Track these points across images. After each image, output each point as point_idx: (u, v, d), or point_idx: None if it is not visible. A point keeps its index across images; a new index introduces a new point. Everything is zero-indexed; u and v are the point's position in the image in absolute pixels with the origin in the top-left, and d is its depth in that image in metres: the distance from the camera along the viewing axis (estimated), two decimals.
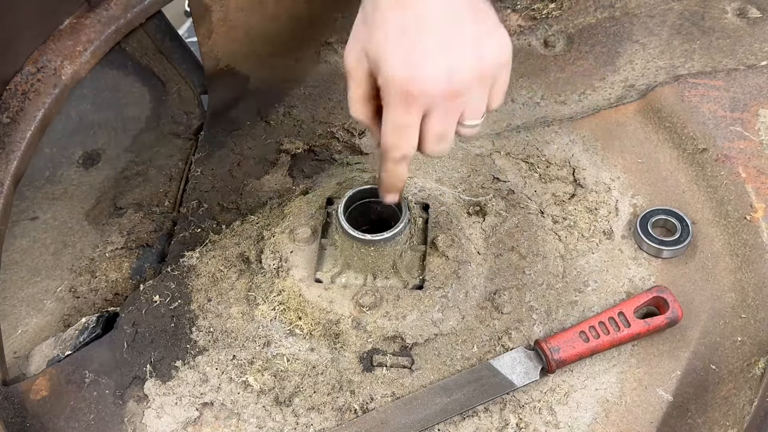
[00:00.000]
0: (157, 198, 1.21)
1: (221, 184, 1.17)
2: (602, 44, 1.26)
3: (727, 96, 1.08)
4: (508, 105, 1.23)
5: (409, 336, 0.92)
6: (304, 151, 1.20)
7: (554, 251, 1.02)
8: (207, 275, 1.00)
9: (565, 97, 1.23)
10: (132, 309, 0.98)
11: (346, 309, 0.93)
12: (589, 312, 0.97)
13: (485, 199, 1.06)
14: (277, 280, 0.97)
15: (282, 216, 1.03)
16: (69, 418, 0.90)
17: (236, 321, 0.96)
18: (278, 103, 1.26)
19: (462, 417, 0.89)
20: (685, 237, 0.99)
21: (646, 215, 1.02)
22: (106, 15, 1.04)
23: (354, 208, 0.97)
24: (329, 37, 1.27)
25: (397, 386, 0.91)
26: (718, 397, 0.89)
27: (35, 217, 1.18)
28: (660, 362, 0.93)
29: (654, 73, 1.21)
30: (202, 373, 0.92)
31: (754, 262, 0.96)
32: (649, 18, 1.26)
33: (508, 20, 1.28)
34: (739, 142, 1.04)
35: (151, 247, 1.15)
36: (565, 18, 1.28)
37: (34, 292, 1.10)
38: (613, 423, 0.89)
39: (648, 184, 1.08)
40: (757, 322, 0.92)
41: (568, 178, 1.09)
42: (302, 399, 0.90)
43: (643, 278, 1.00)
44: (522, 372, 0.90)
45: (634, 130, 1.12)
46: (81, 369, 0.93)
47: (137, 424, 0.89)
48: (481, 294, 0.97)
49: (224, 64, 1.26)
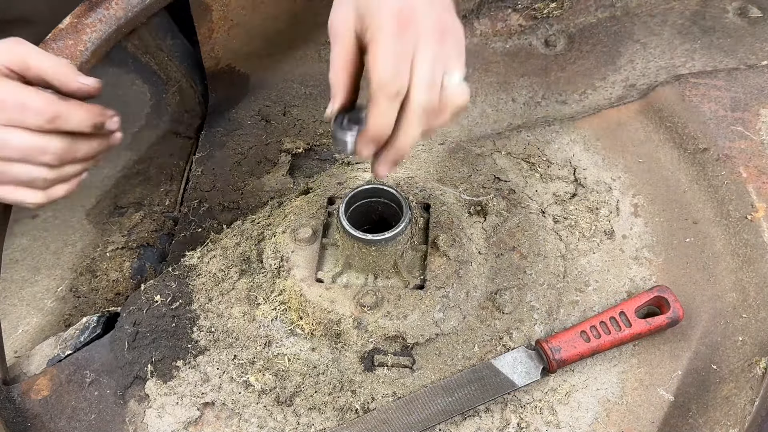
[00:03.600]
0: (157, 197, 1.21)
1: (222, 184, 1.17)
2: (603, 44, 1.26)
3: (728, 95, 1.08)
4: (509, 104, 1.24)
5: (410, 336, 0.92)
6: (304, 150, 1.20)
7: (555, 251, 1.02)
8: (208, 275, 1.00)
9: (566, 97, 1.23)
10: (133, 309, 0.98)
11: (347, 309, 0.93)
12: (590, 312, 0.97)
13: (486, 198, 1.06)
14: (278, 279, 0.97)
15: (283, 216, 1.03)
16: (70, 418, 0.90)
17: (237, 321, 0.96)
18: (279, 103, 1.26)
19: (463, 417, 0.89)
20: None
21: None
22: (107, 14, 1.04)
23: (355, 208, 0.97)
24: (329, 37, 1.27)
25: (398, 386, 0.91)
26: (719, 397, 0.89)
27: (36, 215, 1.18)
28: (661, 362, 0.93)
29: (655, 73, 1.21)
30: (203, 373, 0.92)
31: (755, 262, 0.96)
32: (650, 17, 1.27)
33: (509, 20, 1.28)
34: (740, 142, 1.04)
35: (152, 247, 1.15)
36: (565, 17, 1.28)
37: (35, 292, 1.10)
38: (614, 423, 0.89)
39: (649, 183, 1.08)
40: (758, 322, 0.93)
41: (569, 177, 1.09)
42: (303, 399, 0.90)
43: (644, 278, 1.00)
44: (523, 372, 0.90)
45: (635, 130, 1.12)
46: (82, 369, 0.93)
47: (138, 423, 0.89)
48: (482, 294, 0.97)
49: (225, 64, 1.26)
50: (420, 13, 0.74)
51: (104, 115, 0.87)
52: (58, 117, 0.82)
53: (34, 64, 0.83)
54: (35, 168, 0.84)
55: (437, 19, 0.76)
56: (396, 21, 0.73)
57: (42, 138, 0.83)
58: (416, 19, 0.74)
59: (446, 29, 0.77)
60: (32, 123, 0.81)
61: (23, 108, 0.80)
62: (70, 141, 0.85)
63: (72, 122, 0.84)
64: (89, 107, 0.86)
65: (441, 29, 0.76)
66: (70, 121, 0.83)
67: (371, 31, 0.75)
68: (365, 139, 0.79)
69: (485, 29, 1.28)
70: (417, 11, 0.74)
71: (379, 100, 0.75)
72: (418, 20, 0.74)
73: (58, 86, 0.85)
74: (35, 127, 0.82)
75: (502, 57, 1.27)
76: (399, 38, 0.74)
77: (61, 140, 0.84)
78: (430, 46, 0.75)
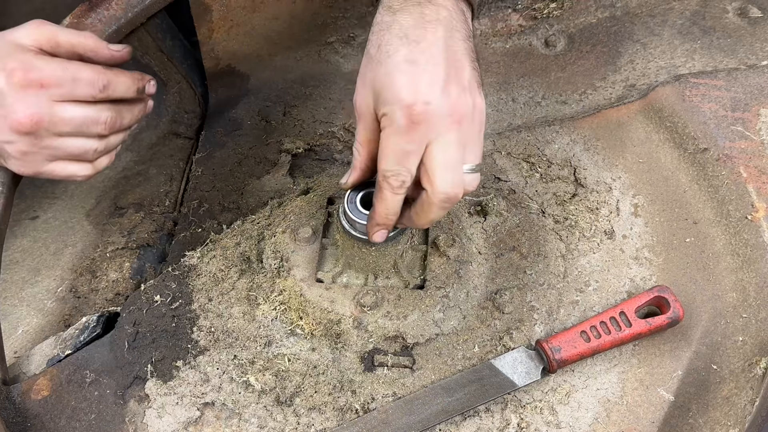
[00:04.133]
0: (157, 198, 1.21)
1: (222, 184, 1.17)
2: (603, 44, 1.26)
3: (728, 96, 1.08)
4: (509, 104, 1.24)
5: (410, 336, 0.92)
6: (304, 150, 1.20)
7: (555, 251, 1.02)
8: (208, 275, 1.00)
9: (566, 97, 1.23)
10: (133, 309, 0.98)
11: (347, 309, 0.93)
12: (591, 312, 0.97)
13: (486, 198, 1.06)
14: (278, 279, 0.97)
15: (283, 216, 1.03)
16: (70, 418, 0.90)
17: (237, 321, 0.96)
18: (279, 103, 1.26)
19: (463, 417, 0.89)
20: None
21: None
22: (106, 15, 1.04)
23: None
24: (330, 37, 1.27)
25: (398, 386, 0.90)
26: (719, 397, 0.89)
27: (36, 216, 1.18)
28: (661, 362, 0.93)
29: (655, 73, 1.21)
30: (203, 373, 0.92)
31: (756, 262, 0.96)
32: (650, 18, 1.26)
33: (509, 20, 1.28)
34: (740, 142, 1.04)
35: (151, 247, 1.15)
36: (566, 18, 1.28)
37: (35, 292, 1.10)
38: (614, 423, 0.89)
39: (649, 183, 1.08)
40: (758, 322, 0.92)
41: (569, 177, 1.09)
42: (303, 399, 0.90)
43: (645, 278, 1.00)
44: (523, 372, 0.90)
45: (635, 130, 1.12)
46: (82, 369, 0.93)
47: (138, 424, 0.89)
48: (482, 294, 0.97)
49: (225, 64, 1.26)
50: (434, 106, 0.73)
51: (144, 79, 0.91)
52: (108, 85, 0.85)
53: (63, 40, 0.85)
54: (88, 140, 0.87)
55: (453, 107, 0.74)
56: (406, 117, 0.73)
57: (94, 108, 0.86)
58: (428, 115, 0.73)
59: (463, 116, 0.75)
60: (85, 94, 0.84)
61: (75, 81, 0.83)
62: (117, 109, 0.88)
63: (120, 89, 0.87)
64: (130, 74, 0.89)
65: (458, 118, 0.75)
66: (118, 88, 0.87)
67: (383, 121, 0.76)
68: (372, 222, 0.83)
69: (485, 29, 1.28)
70: (430, 106, 0.73)
71: (384, 190, 0.78)
72: (430, 115, 0.73)
73: (91, 57, 0.87)
74: (88, 98, 0.85)
75: (502, 57, 1.27)
76: (407, 134, 0.74)
77: (110, 108, 0.87)
78: (444, 137, 0.74)
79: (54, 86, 0.82)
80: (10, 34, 0.84)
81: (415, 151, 0.75)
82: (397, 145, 0.75)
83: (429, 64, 0.74)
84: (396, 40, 0.75)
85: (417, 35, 0.75)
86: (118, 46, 0.90)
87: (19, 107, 0.80)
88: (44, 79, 0.81)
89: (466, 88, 0.76)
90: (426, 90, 0.73)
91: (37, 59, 0.82)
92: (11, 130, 0.82)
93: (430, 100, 0.73)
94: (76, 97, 0.84)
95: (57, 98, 0.83)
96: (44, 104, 0.82)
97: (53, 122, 0.83)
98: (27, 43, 0.83)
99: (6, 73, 0.80)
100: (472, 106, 0.76)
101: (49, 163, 0.88)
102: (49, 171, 0.88)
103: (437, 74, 0.74)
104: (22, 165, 0.87)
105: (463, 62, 0.77)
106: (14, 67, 0.80)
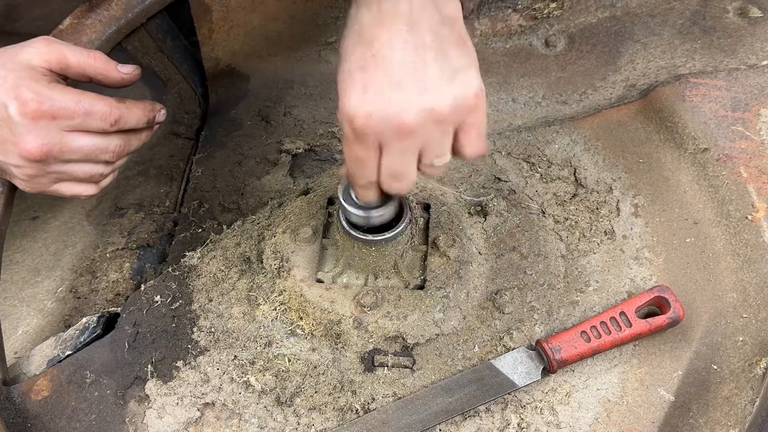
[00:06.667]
0: (157, 198, 1.21)
1: (222, 184, 1.17)
2: (603, 44, 1.26)
3: (728, 96, 1.08)
4: (509, 105, 1.24)
5: (411, 336, 0.92)
6: (304, 150, 1.20)
7: (555, 251, 1.02)
8: (208, 275, 1.00)
9: (566, 97, 1.23)
10: (133, 309, 0.98)
11: (347, 309, 0.93)
12: (591, 312, 0.97)
13: (486, 199, 1.06)
14: (278, 280, 0.97)
15: (283, 216, 1.03)
16: (70, 419, 0.90)
17: (237, 321, 0.96)
18: (279, 103, 1.26)
19: (463, 417, 0.89)
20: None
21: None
22: (107, 15, 1.04)
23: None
24: (330, 37, 1.27)
25: (398, 386, 0.90)
26: (719, 397, 0.89)
27: (36, 216, 1.18)
28: (661, 362, 0.93)
29: (655, 73, 1.21)
30: (203, 374, 0.92)
31: (756, 262, 0.96)
32: (651, 18, 1.26)
33: (509, 20, 1.28)
34: (741, 142, 1.04)
35: (151, 248, 1.15)
36: (566, 18, 1.28)
37: (35, 292, 1.10)
38: (614, 423, 0.89)
39: (649, 183, 1.08)
40: (758, 322, 0.92)
41: (569, 177, 1.09)
42: (303, 399, 0.90)
43: (645, 278, 1.00)
44: (523, 372, 0.90)
45: (636, 130, 1.12)
46: (82, 369, 0.93)
47: (138, 424, 0.89)
48: (483, 294, 0.97)
49: (225, 64, 1.26)
50: (375, 119, 0.71)
51: (154, 109, 0.92)
52: (119, 120, 0.86)
53: (73, 62, 0.85)
54: (95, 166, 0.89)
55: (399, 116, 0.71)
56: (350, 130, 0.74)
57: (104, 139, 0.87)
58: (370, 128, 0.72)
59: (414, 124, 0.72)
60: (97, 127, 0.85)
61: (88, 114, 0.83)
62: (126, 138, 0.90)
63: (131, 122, 0.88)
64: (142, 105, 0.90)
65: (406, 128, 0.72)
66: (129, 121, 0.88)
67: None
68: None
69: (485, 29, 1.28)
70: (371, 119, 0.71)
71: (355, 187, 0.82)
72: (372, 128, 0.72)
73: (101, 80, 0.88)
74: (99, 131, 0.86)
75: (502, 57, 1.27)
76: (356, 144, 0.75)
77: (119, 138, 0.88)
78: (390, 147, 0.74)
79: (66, 118, 0.82)
80: (19, 53, 0.83)
81: (368, 157, 0.75)
82: (351, 152, 0.76)
83: (378, 69, 0.71)
84: (351, 40, 0.74)
85: (371, 35, 0.72)
86: (128, 68, 0.90)
87: (29, 138, 0.81)
88: (56, 111, 0.81)
89: (426, 87, 0.71)
90: (370, 99, 0.71)
91: (51, 90, 0.82)
92: (20, 158, 0.82)
93: (372, 111, 0.71)
94: (88, 128, 0.84)
95: (67, 129, 0.83)
96: (55, 134, 0.82)
97: (62, 151, 0.84)
98: (37, 63, 0.83)
99: (20, 103, 0.80)
100: (427, 104, 0.72)
101: (55, 184, 0.89)
102: (54, 190, 0.90)
103: (384, 80, 0.71)
104: (28, 185, 0.88)
105: (426, 56, 0.71)
106: (28, 98, 0.80)
